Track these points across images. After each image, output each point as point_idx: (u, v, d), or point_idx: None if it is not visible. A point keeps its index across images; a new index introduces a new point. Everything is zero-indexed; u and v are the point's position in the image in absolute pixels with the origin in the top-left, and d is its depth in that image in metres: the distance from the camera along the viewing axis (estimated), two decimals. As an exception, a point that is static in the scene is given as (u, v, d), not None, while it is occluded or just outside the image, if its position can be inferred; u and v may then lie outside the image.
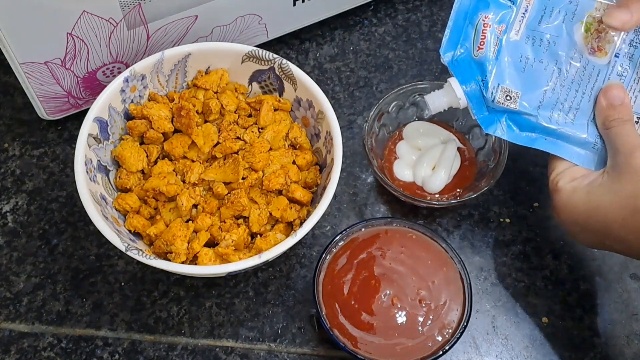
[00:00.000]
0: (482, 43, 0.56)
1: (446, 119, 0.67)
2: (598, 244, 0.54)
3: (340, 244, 0.57)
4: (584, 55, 0.55)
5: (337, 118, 0.59)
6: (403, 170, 0.65)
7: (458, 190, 0.64)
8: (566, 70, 0.55)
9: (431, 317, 0.54)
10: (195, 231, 0.56)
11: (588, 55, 0.55)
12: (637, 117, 0.55)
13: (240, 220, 0.58)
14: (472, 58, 0.56)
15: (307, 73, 0.61)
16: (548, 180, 0.56)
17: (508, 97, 0.55)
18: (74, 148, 0.55)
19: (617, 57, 0.55)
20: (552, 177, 0.56)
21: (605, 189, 0.51)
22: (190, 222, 0.56)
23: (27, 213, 0.64)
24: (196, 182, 0.58)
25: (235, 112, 0.62)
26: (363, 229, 0.58)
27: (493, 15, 0.56)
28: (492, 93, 0.55)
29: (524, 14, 0.56)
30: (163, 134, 0.60)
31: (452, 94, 0.57)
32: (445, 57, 0.57)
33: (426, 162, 0.64)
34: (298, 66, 0.61)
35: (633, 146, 0.51)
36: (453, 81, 0.56)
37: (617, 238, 0.51)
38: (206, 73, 0.63)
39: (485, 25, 0.56)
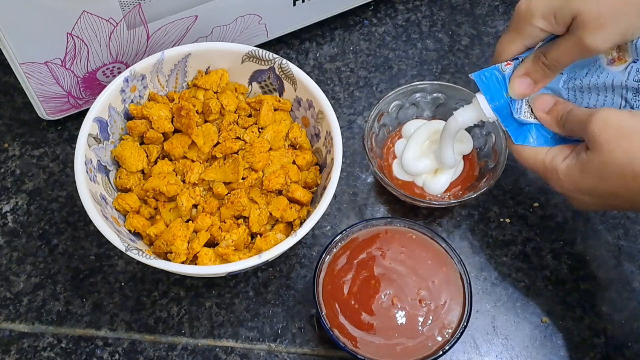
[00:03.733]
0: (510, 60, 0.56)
1: (446, 118, 0.67)
2: (605, 207, 0.54)
3: (340, 244, 0.57)
4: (601, 66, 0.55)
5: (337, 118, 0.59)
6: (401, 169, 0.65)
7: (458, 190, 0.64)
8: (581, 80, 0.55)
9: (431, 317, 0.54)
10: (195, 231, 0.56)
11: (606, 65, 0.55)
12: None
13: (240, 220, 0.58)
14: (500, 72, 0.56)
15: (307, 73, 0.61)
16: (534, 166, 0.55)
17: (533, 110, 0.55)
18: (74, 148, 0.55)
19: (636, 62, 0.54)
20: (539, 162, 0.55)
21: (595, 163, 0.50)
22: (190, 222, 0.56)
23: (27, 213, 0.64)
24: (196, 182, 0.58)
25: (235, 112, 0.62)
26: (363, 229, 0.58)
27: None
28: (517, 109, 0.55)
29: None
30: (163, 134, 0.60)
31: (479, 110, 0.57)
32: (475, 75, 0.57)
33: (412, 147, 0.64)
34: (298, 66, 0.61)
35: (588, 115, 0.50)
36: (480, 97, 0.56)
37: (624, 200, 0.51)
38: (206, 73, 0.63)
39: None
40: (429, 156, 0.64)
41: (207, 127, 0.60)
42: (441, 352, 0.53)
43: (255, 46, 0.62)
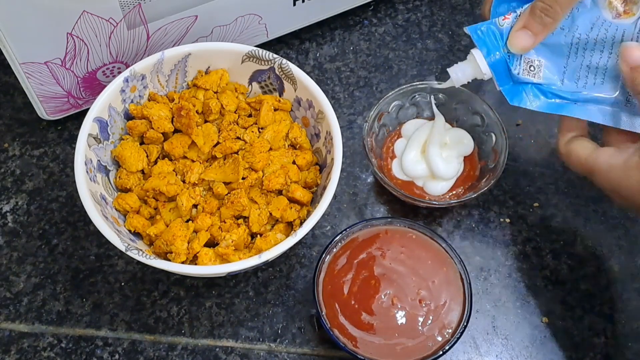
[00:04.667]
0: (508, 14, 0.55)
1: (447, 118, 0.67)
2: None
3: (340, 244, 0.57)
4: (606, 20, 0.54)
5: (337, 118, 0.59)
6: (401, 169, 0.65)
7: (458, 190, 0.64)
8: (587, 35, 0.54)
9: (431, 317, 0.54)
10: (195, 231, 0.56)
11: (612, 19, 0.54)
12: None
13: (240, 220, 0.58)
14: (498, 28, 0.54)
15: (307, 73, 0.61)
16: (578, 167, 0.55)
17: (531, 68, 0.54)
18: (74, 148, 0.55)
19: None
20: (583, 161, 0.54)
21: None
22: (190, 222, 0.56)
23: (27, 213, 0.64)
24: (196, 182, 0.58)
25: (235, 112, 0.62)
26: (363, 229, 0.58)
27: None
28: (515, 65, 0.54)
29: None
30: (163, 134, 0.60)
31: (475, 66, 0.56)
32: (470, 29, 0.55)
33: (414, 147, 0.64)
34: (298, 66, 0.61)
35: None
36: (476, 52, 0.55)
37: None
38: (206, 73, 0.63)
39: None
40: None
41: (207, 127, 0.60)
42: (441, 352, 0.53)
43: (255, 46, 0.62)
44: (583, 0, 0.53)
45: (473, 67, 0.56)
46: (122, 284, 0.61)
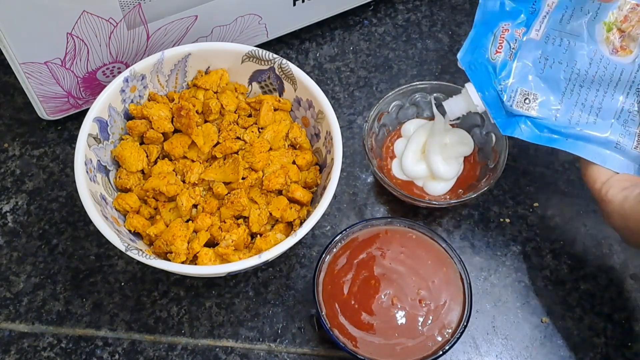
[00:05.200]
0: (500, 47, 0.55)
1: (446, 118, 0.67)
2: None
3: (340, 244, 0.57)
4: (604, 56, 0.54)
5: (337, 118, 0.59)
6: (401, 169, 0.65)
7: (459, 190, 0.64)
8: (586, 71, 0.54)
9: (431, 317, 0.54)
10: (195, 231, 0.56)
11: (609, 55, 0.54)
12: None
13: (240, 220, 0.58)
14: (490, 62, 0.55)
15: (307, 73, 0.61)
16: (592, 190, 0.56)
17: (527, 100, 0.55)
18: (74, 148, 0.55)
19: None
20: (597, 187, 0.55)
21: None
22: (190, 222, 0.56)
23: (27, 213, 0.64)
24: (196, 182, 0.58)
25: (235, 112, 0.62)
26: (363, 229, 0.58)
27: (512, 23, 0.55)
28: (510, 97, 0.55)
29: (545, 15, 0.55)
30: (163, 134, 0.60)
31: (469, 100, 0.57)
32: (463, 63, 0.56)
33: (413, 147, 0.64)
34: (298, 66, 0.61)
35: None
36: (470, 87, 0.56)
37: None
38: (206, 73, 0.63)
39: (504, 30, 0.55)
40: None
41: (207, 127, 0.60)
42: (441, 352, 0.53)
43: (255, 46, 0.62)
44: (580, 35, 0.54)
45: (466, 100, 0.57)
46: (122, 284, 0.61)
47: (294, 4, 0.69)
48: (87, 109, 0.57)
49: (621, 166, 0.56)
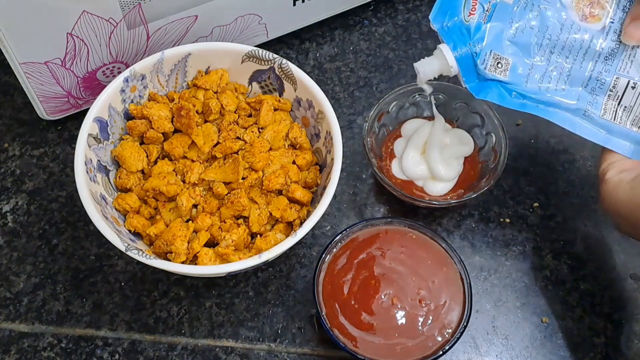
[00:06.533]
0: (473, 8, 0.54)
1: (447, 118, 0.67)
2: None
3: (340, 244, 0.57)
4: (575, 22, 0.54)
5: (337, 118, 0.59)
6: (401, 169, 0.65)
7: (459, 190, 0.64)
8: (557, 37, 0.54)
9: (431, 317, 0.54)
10: (195, 231, 0.56)
11: (579, 21, 0.54)
12: (633, 83, 0.54)
13: (240, 220, 0.58)
14: (464, 24, 0.54)
15: (307, 73, 0.61)
16: (598, 170, 0.56)
17: (499, 65, 0.54)
18: (74, 148, 0.55)
19: (613, 22, 0.54)
20: (602, 166, 0.55)
21: None
22: (190, 222, 0.56)
23: (27, 213, 0.64)
24: (196, 182, 0.58)
25: (235, 112, 0.62)
26: (363, 229, 0.58)
27: None
28: (484, 60, 0.54)
29: None
30: (163, 134, 0.60)
31: (443, 60, 0.55)
32: (436, 24, 0.55)
33: (413, 148, 0.64)
34: (298, 66, 0.61)
35: None
36: (444, 47, 0.55)
37: None
38: (206, 73, 0.63)
39: None
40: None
41: (207, 127, 0.60)
42: (441, 352, 0.53)
43: (255, 46, 0.62)
44: (553, 1, 0.54)
45: (440, 61, 0.56)
46: (122, 284, 0.61)
47: (294, 4, 0.69)
48: (87, 109, 0.57)
49: (590, 134, 0.56)
